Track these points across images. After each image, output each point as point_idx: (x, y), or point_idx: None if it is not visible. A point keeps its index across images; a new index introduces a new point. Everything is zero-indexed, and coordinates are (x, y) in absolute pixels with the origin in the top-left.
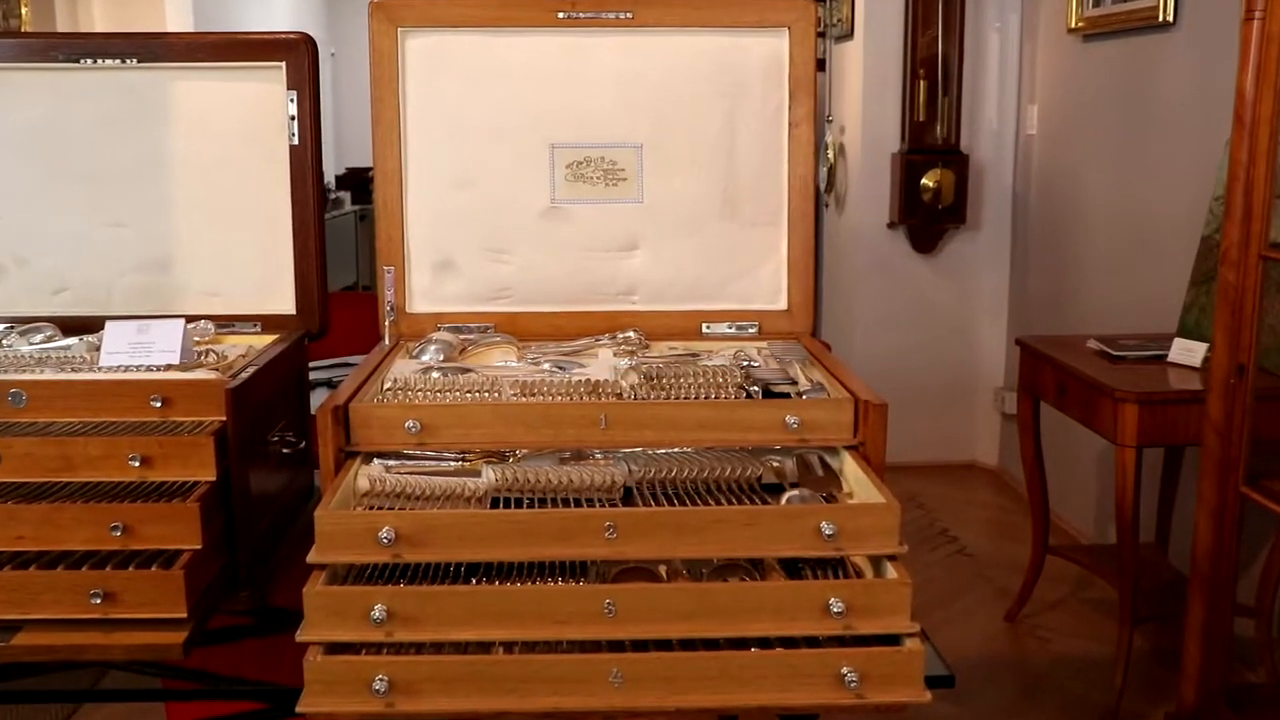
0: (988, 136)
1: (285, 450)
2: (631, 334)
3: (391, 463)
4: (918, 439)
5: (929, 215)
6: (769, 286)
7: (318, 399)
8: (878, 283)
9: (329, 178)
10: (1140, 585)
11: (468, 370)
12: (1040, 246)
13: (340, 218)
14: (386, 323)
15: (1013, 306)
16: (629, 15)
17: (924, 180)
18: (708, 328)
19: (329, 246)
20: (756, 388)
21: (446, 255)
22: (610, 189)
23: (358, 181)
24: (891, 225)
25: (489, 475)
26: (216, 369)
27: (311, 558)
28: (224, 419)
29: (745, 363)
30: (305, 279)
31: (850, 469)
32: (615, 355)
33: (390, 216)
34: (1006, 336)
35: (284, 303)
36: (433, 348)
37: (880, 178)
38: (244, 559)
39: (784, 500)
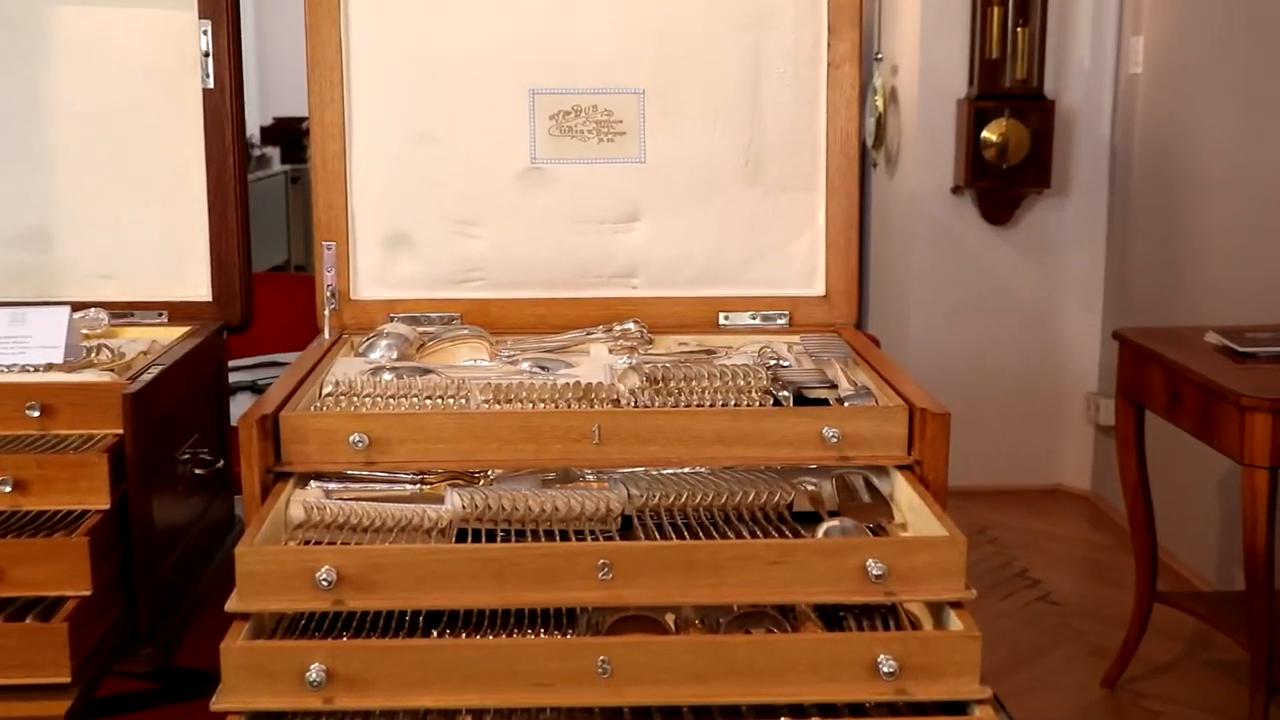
0: (1078, 78)
1: (199, 471)
2: (631, 326)
3: (332, 486)
4: (989, 457)
5: (1004, 177)
6: (802, 267)
7: (240, 407)
8: (939, 262)
9: (252, 130)
10: (1276, 644)
11: (427, 371)
12: (1145, 216)
13: (267, 180)
14: (326, 312)
15: (1110, 291)
16: None
17: (985, 133)
18: (726, 318)
19: (253, 216)
20: (786, 393)
21: (401, 228)
22: (604, 146)
23: (289, 135)
24: (956, 190)
25: (454, 502)
26: (111, 369)
27: (231, 605)
28: (120, 432)
29: (772, 361)
30: (223, 257)
31: (904, 494)
32: (611, 352)
33: (330, 179)
34: (1102, 329)
35: (196, 287)
36: (384, 343)
37: (942, 131)
38: (146, 607)
39: (821, 532)
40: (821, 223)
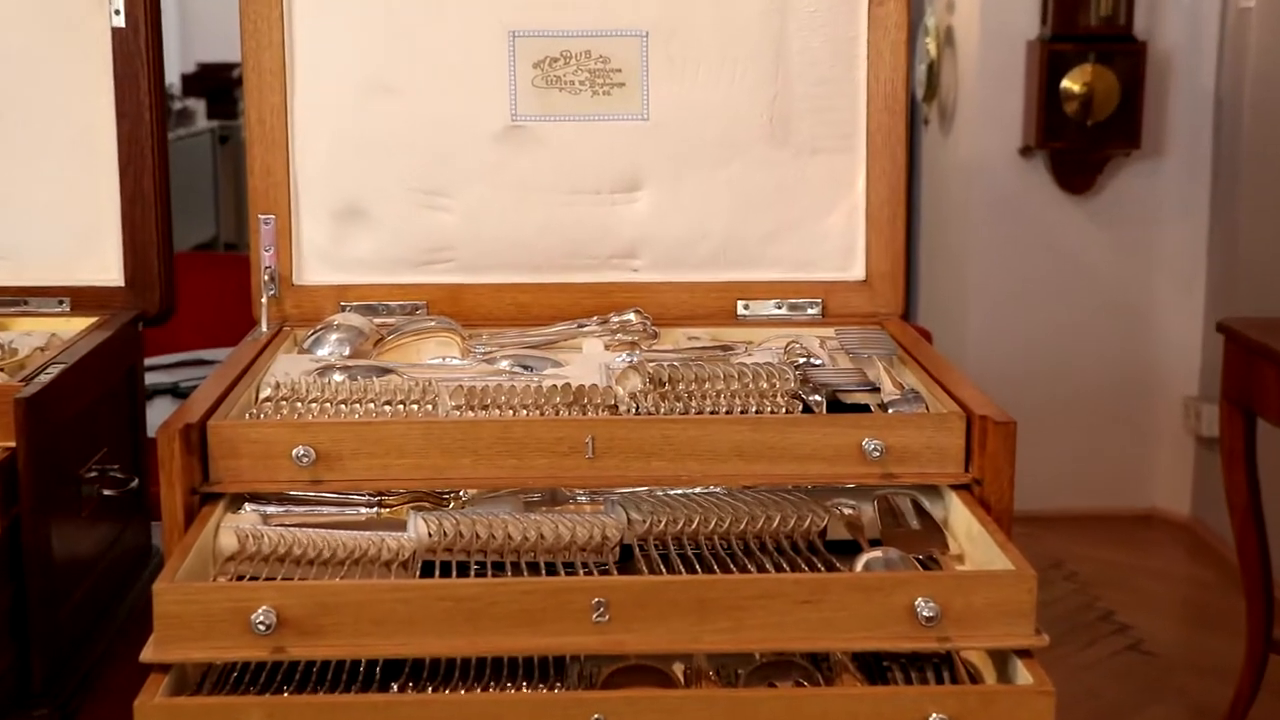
0: (1177, 14)
1: (108, 492)
2: (632, 317)
3: (271, 510)
4: (1065, 475)
5: (1084, 136)
6: (838, 245)
7: (159, 415)
8: (1004, 239)
9: (172, 78)
10: None
11: (386, 371)
12: (1257, 182)
13: (190, 139)
14: (264, 300)
15: (1214, 274)
16: None
17: (1065, 83)
18: (746, 307)
19: (174, 183)
20: (819, 397)
21: (354, 199)
22: (600, 99)
23: (217, 85)
24: (1026, 152)
25: (418, 528)
26: (1, 369)
27: (147, 655)
28: (11, 445)
29: (801, 360)
30: (138, 233)
31: (960, 519)
32: (608, 349)
33: (269, 139)
34: (1204, 320)
35: (105, 268)
36: (334, 338)
37: (1008, 80)
38: (41, 658)
39: (860, 565)
40: (861, 192)
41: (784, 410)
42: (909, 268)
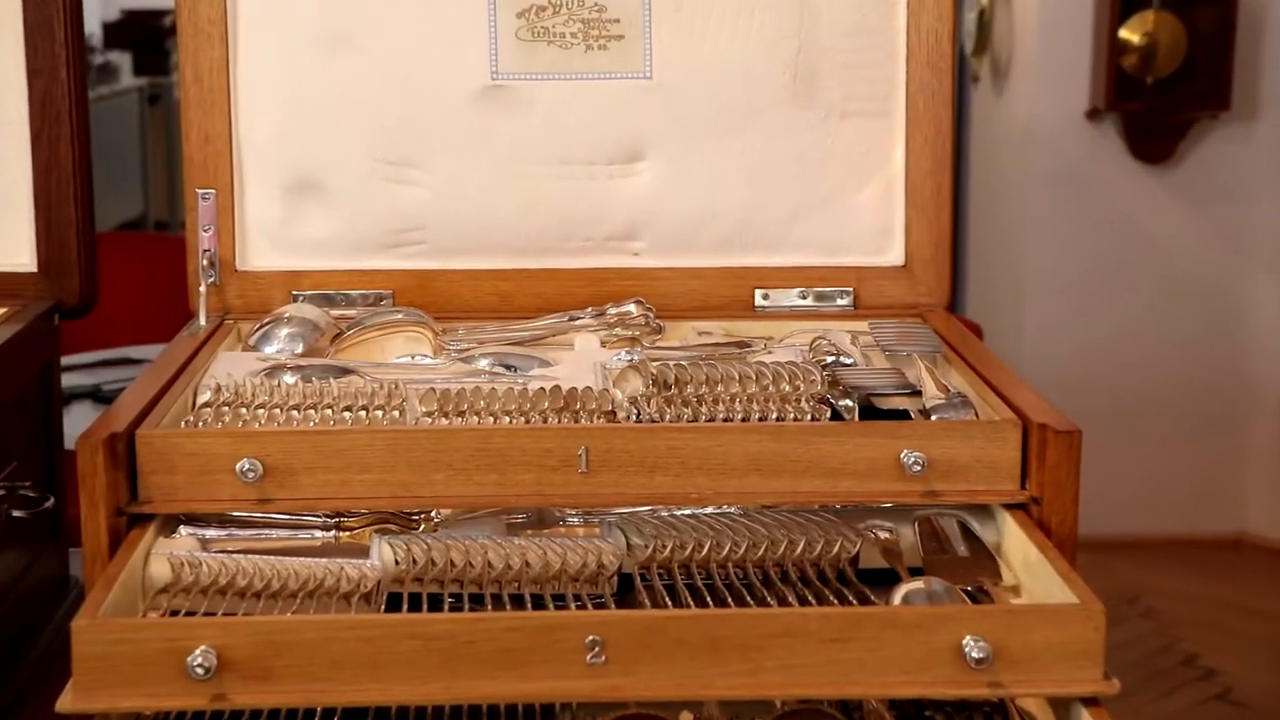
0: None
1: (17, 513)
2: (632, 308)
3: (212, 533)
4: (1141, 493)
5: (1162, 95)
6: (872, 224)
7: (78, 423)
8: (1068, 216)
9: (92, 28)
10: None
11: (346, 372)
12: None
13: (114, 100)
14: (202, 288)
15: None
16: None
17: (1123, 33)
18: (765, 298)
19: (96, 151)
20: (850, 402)
21: (308, 170)
22: (595, 55)
23: (145, 36)
24: (1094, 115)
25: (384, 554)
26: None
27: (65, 704)
28: None
29: (830, 358)
30: (53, 209)
31: (1016, 544)
32: (604, 345)
33: (207, 100)
34: None
35: (14, 251)
36: (284, 333)
37: (1074, 31)
38: None
39: (898, 598)
40: (899, 162)
41: (809, 417)
42: (955, 251)
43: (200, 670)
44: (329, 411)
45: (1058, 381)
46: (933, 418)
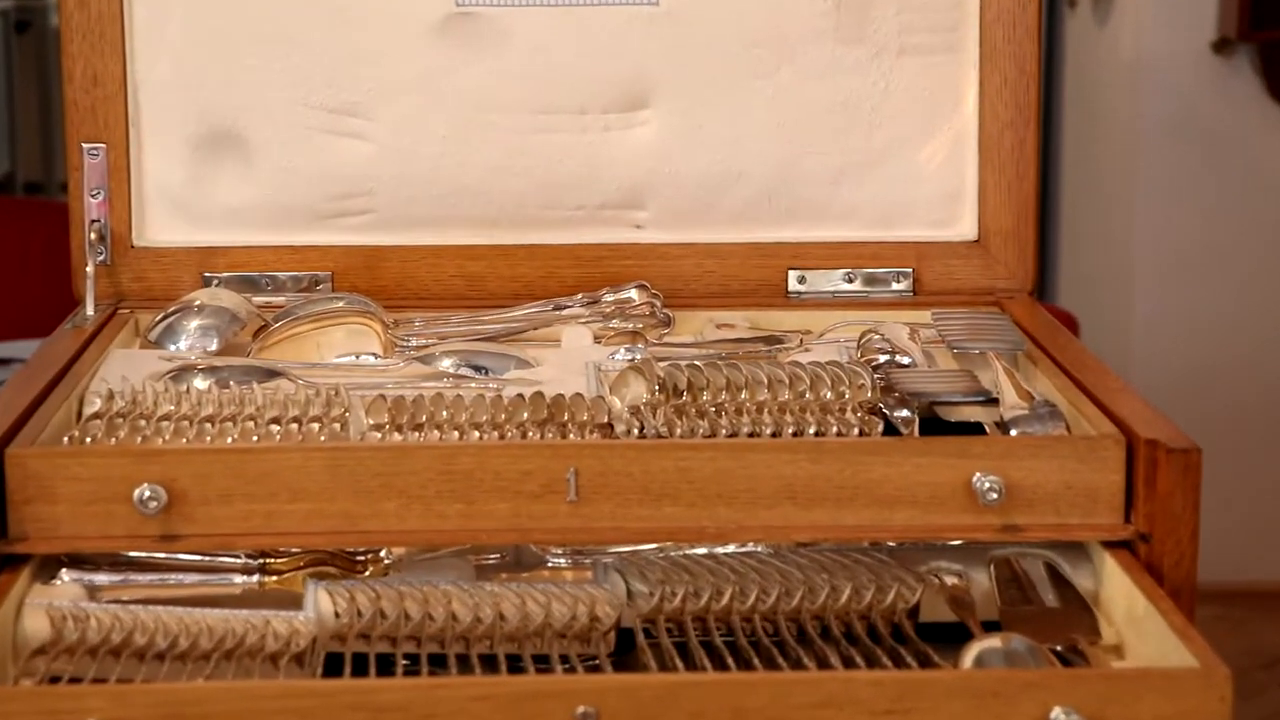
0: None
1: None
2: (634, 294)
3: (103, 578)
4: None
5: None
6: (937, 188)
7: None
8: (1190, 173)
9: None
10: None
11: (273, 374)
12: None
13: None
14: (90, 269)
15: None
16: None
17: None
18: (801, 281)
19: None
20: (908, 412)
21: (224, 120)
22: None
23: None
24: (1223, 46)
25: (321, 605)
26: None
27: None
28: None
29: (884, 357)
30: None
31: (1118, 592)
32: (599, 341)
33: (95, 31)
34: None
35: None
36: (195, 325)
37: None
38: None
39: (970, 659)
40: (972, 110)
41: (857, 431)
42: (1043, 222)
43: None
44: (251, 424)
45: (1172, 387)
46: (1012, 432)
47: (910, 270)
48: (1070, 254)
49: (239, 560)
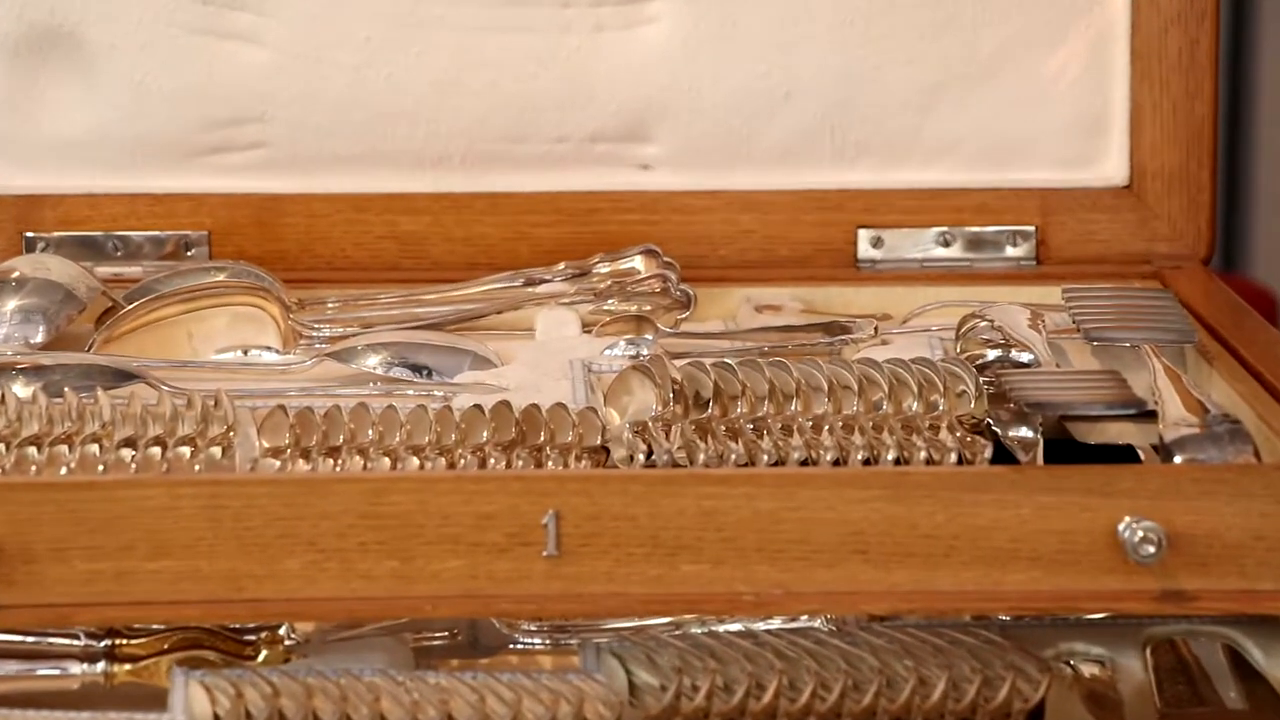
0: None
1: None
2: (639, 263)
3: None
4: None
5: None
6: (1070, 113)
7: None
8: None
9: None
10: None
11: (127, 377)
12: None
13: None
14: None
15: None
16: None
17: None
18: (877, 243)
19: None
20: (1028, 430)
21: (53, 13)
22: None
23: None
24: None
25: (193, 707)
26: None
27: None
28: None
29: (993, 353)
30: None
31: None
32: (590, 330)
33: None
34: None
35: None
36: (12, 307)
37: None
38: None
39: None
40: (1120, 2)
41: (955, 458)
42: (1230, 163)
43: None
44: (95, 448)
45: None
46: (1177, 459)
47: (1032, 229)
48: (1268, 209)
49: (77, 642)
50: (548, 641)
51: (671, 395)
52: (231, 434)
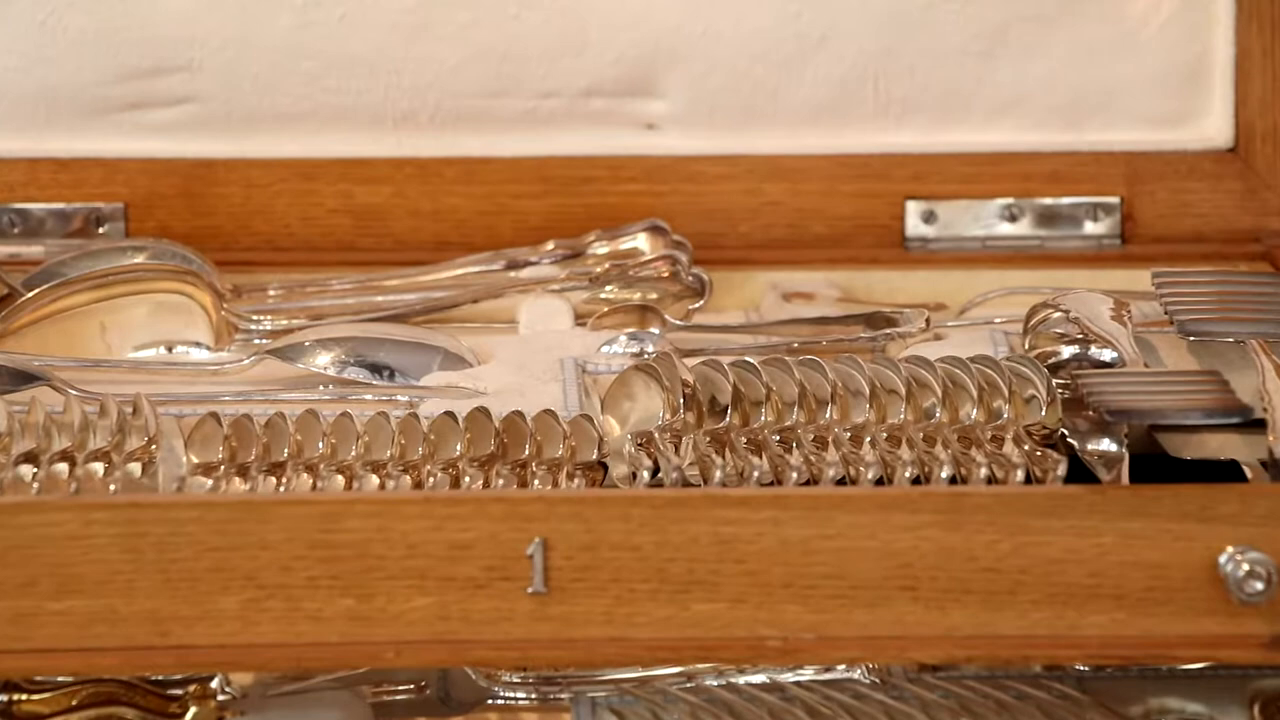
0: None
1: None
2: (644, 242)
3: None
4: None
5: None
6: (1161, 62)
7: None
8: None
9: None
10: None
11: (29, 378)
12: None
13: None
14: None
15: None
16: None
17: None
18: (928, 218)
19: None
20: (1110, 443)
21: None
22: None
23: None
24: None
25: None
26: None
27: None
28: None
29: (1071, 350)
30: None
31: None
32: (585, 322)
33: None
34: None
35: None
36: None
37: None
38: None
39: None
40: None
41: (1022, 476)
42: None
43: None
44: None
45: None
46: None
47: (1116, 200)
48: None
49: None
50: (533, 695)
51: (682, 401)
52: (154, 447)
